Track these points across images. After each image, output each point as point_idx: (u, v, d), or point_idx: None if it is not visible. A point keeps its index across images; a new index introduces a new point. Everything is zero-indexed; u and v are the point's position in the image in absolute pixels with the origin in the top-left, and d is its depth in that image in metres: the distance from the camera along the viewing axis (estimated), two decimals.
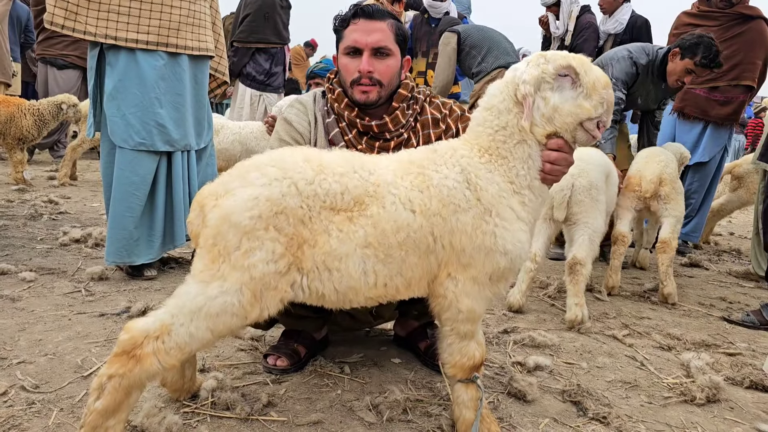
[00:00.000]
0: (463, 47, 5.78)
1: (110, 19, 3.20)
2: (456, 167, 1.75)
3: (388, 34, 2.24)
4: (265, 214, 1.58)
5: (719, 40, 4.99)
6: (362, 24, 2.22)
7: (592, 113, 1.73)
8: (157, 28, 3.28)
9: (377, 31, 2.21)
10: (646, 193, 3.88)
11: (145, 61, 3.27)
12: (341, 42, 2.28)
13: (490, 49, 5.63)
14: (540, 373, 2.54)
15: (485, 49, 5.65)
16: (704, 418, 2.26)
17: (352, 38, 2.22)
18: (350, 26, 2.25)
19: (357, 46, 2.21)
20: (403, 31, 2.32)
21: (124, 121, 3.27)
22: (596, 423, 2.15)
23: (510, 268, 1.76)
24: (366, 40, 2.20)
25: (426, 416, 2.08)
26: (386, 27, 2.24)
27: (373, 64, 2.21)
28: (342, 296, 1.71)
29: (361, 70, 2.20)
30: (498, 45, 5.67)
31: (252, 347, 2.59)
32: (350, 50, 2.24)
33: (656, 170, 3.92)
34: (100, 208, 5.57)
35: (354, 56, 2.24)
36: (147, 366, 1.56)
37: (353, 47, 2.22)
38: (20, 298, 2.98)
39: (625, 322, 3.37)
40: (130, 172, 3.31)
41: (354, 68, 2.23)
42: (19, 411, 1.92)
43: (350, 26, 2.25)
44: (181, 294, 1.62)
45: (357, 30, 2.22)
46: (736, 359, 2.83)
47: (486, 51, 5.65)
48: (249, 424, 1.96)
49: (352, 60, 2.24)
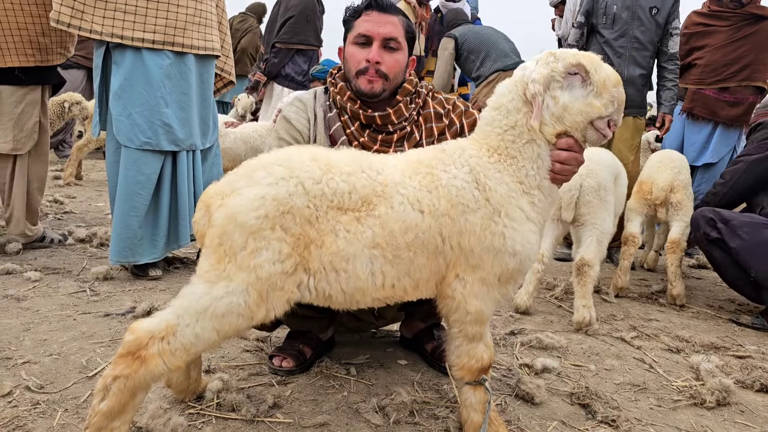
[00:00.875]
0: (462, 52, 5.79)
1: (117, 18, 3.20)
2: (465, 167, 1.73)
3: (399, 29, 2.26)
4: (272, 213, 1.57)
5: (730, 41, 4.97)
6: (375, 15, 2.24)
7: (603, 112, 1.71)
8: (163, 27, 3.27)
9: (389, 24, 2.23)
10: (656, 200, 3.89)
11: (151, 60, 3.26)
12: (351, 31, 2.28)
13: (488, 54, 5.62)
14: (548, 376, 2.51)
15: (483, 53, 5.65)
16: (714, 422, 2.23)
17: (363, 27, 2.23)
18: (362, 17, 2.25)
19: (368, 35, 2.23)
20: (413, 30, 2.34)
21: (129, 121, 3.27)
22: (605, 426, 2.12)
23: (519, 270, 1.74)
24: (378, 30, 2.22)
25: (433, 418, 2.06)
26: (398, 22, 2.27)
27: (382, 56, 2.22)
28: (349, 297, 1.69)
29: (369, 59, 2.21)
30: (495, 48, 5.66)
31: (257, 348, 2.57)
32: (360, 39, 2.24)
33: (668, 177, 3.91)
34: (105, 208, 5.57)
35: (363, 46, 2.24)
36: (152, 367, 1.54)
37: (364, 35, 2.23)
38: (25, 298, 2.98)
39: (633, 323, 3.35)
40: (135, 171, 3.30)
41: (361, 57, 2.23)
42: (23, 411, 1.91)
43: (362, 17, 2.25)
44: (187, 294, 1.61)
45: (369, 21, 2.23)
46: (745, 362, 2.80)
47: (484, 55, 5.64)
48: (254, 425, 1.95)
49: (361, 50, 2.24)
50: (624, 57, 4.70)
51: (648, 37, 4.71)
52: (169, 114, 3.34)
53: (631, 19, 4.66)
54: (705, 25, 5.13)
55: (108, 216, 5.15)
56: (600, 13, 4.75)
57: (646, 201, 3.96)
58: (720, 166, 5.22)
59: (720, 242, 3.49)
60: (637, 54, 4.73)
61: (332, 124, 2.31)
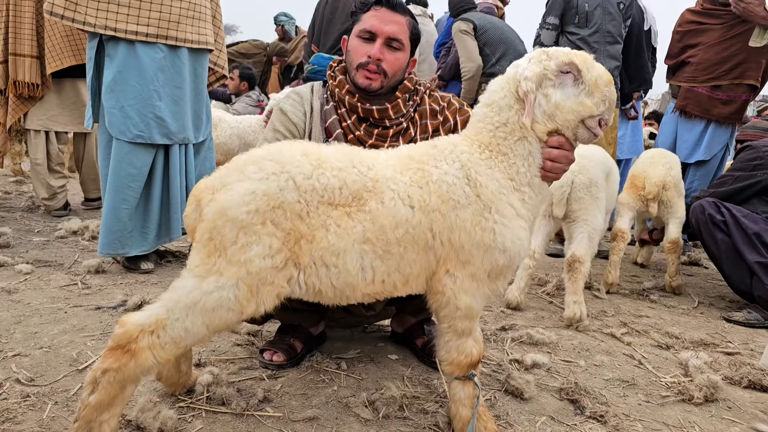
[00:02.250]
0: (479, 39, 5.54)
1: (110, 10, 3.19)
2: (456, 163, 1.73)
3: (404, 29, 2.29)
4: (262, 208, 1.57)
5: (723, 39, 4.99)
6: (383, 12, 2.26)
7: (594, 111, 1.72)
8: (157, 20, 3.26)
9: (395, 23, 2.26)
10: (648, 194, 3.98)
11: (144, 54, 3.25)
12: (357, 24, 2.30)
13: (506, 53, 5.47)
14: (537, 371, 2.53)
15: (500, 51, 5.49)
16: (702, 418, 2.25)
17: (369, 23, 2.25)
18: (370, 11, 2.27)
19: (373, 31, 2.25)
20: (418, 31, 2.37)
21: (122, 113, 3.25)
22: (593, 421, 2.14)
23: (508, 266, 1.75)
24: (383, 28, 2.24)
25: (422, 413, 2.07)
26: (404, 22, 2.29)
27: (384, 54, 2.25)
28: (339, 292, 1.70)
29: (371, 55, 2.23)
30: (514, 48, 5.52)
31: (248, 342, 2.58)
32: (365, 34, 2.26)
33: (661, 173, 4.02)
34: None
35: (367, 41, 2.26)
36: (142, 360, 1.54)
37: (369, 31, 2.25)
38: (16, 291, 2.97)
39: (623, 320, 3.36)
40: (127, 164, 3.30)
41: (364, 52, 2.25)
42: (13, 404, 1.91)
43: (370, 11, 2.27)
44: (177, 288, 1.61)
45: (376, 17, 2.25)
46: (734, 359, 2.82)
47: (501, 53, 5.48)
48: (244, 419, 1.95)
49: (364, 44, 2.26)
50: (599, 52, 4.82)
51: (617, 30, 4.91)
52: (161, 107, 3.33)
53: (603, 14, 4.80)
54: (698, 23, 5.14)
55: (101, 209, 5.12)
56: (572, 13, 4.83)
57: (639, 196, 4.05)
58: (712, 163, 5.25)
59: (724, 225, 3.66)
60: (610, 47, 4.89)
61: (328, 116, 2.32)
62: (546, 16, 4.95)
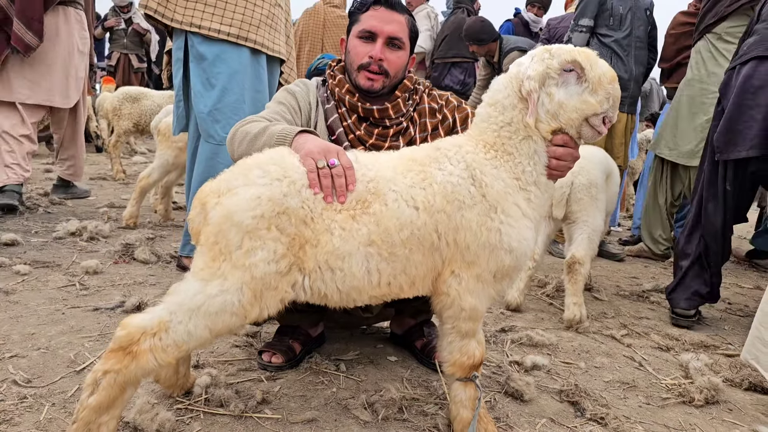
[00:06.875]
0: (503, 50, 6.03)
1: (197, 8, 3.26)
2: (461, 163, 1.72)
3: (404, 28, 2.27)
4: (268, 213, 1.56)
5: None
6: (382, 12, 2.24)
7: (598, 109, 1.71)
8: (239, 22, 3.30)
9: (395, 22, 2.24)
10: None
11: (232, 56, 3.29)
12: (356, 25, 2.28)
13: None
14: (537, 373, 2.52)
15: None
16: (702, 420, 2.25)
17: (369, 23, 2.23)
18: (369, 11, 2.25)
19: (373, 31, 2.23)
20: (416, 29, 2.36)
21: (210, 117, 3.29)
22: (594, 423, 2.13)
23: (514, 266, 1.74)
24: (383, 27, 2.22)
25: (422, 415, 2.06)
26: (404, 20, 2.28)
27: (385, 53, 2.23)
28: (345, 296, 1.69)
29: (373, 55, 2.22)
30: None
31: (247, 343, 2.56)
32: (365, 34, 2.24)
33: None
34: (96, 202, 5.54)
35: (367, 41, 2.24)
36: (143, 363, 1.53)
37: (369, 31, 2.23)
38: (14, 291, 2.95)
39: (623, 322, 3.36)
40: (213, 166, 3.31)
41: (364, 53, 2.23)
42: (10, 405, 1.89)
43: (369, 11, 2.25)
44: (180, 291, 1.60)
45: (375, 17, 2.23)
46: (734, 360, 2.81)
47: None
48: (243, 421, 1.94)
49: (365, 44, 2.24)
50: (631, 56, 4.81)
51: (644, 36, 4.89)
52: (246, 111, 3.33)
53: (633, 19, 4.78)
54: (692, 24, 5.14)
55: (99, 210, 5.12)
56: (606, 15, 4.79)
57: None
58: None
59: None
60: (639, 53, 4.87)
61: (329, 115, 2.31)
62: (579, 18, 4.89)
